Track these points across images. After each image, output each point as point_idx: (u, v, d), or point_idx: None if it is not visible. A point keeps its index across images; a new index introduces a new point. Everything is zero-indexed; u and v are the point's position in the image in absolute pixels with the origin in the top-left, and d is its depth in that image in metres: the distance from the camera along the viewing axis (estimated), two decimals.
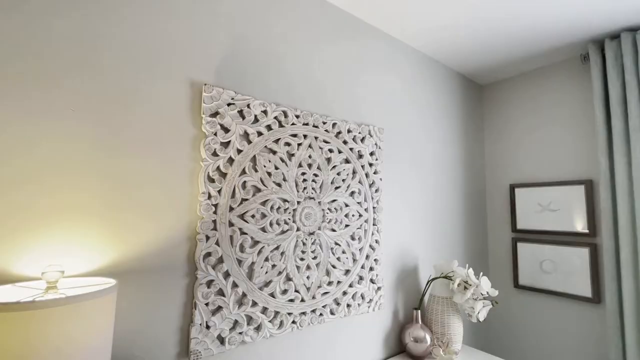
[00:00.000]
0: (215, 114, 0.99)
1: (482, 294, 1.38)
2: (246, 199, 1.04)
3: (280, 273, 1.10)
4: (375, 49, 1.52)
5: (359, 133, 1.39)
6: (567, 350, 1.70)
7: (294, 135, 1.18)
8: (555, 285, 1.76)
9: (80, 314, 0.59)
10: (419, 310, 1.44)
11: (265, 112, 1.10)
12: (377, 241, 1.41)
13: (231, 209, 1.01)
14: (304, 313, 1.15)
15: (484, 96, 2.18)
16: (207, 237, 0.95)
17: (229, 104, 1.02)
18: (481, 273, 1.43)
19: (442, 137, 1.85)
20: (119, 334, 0.81)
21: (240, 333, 0.99)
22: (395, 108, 1.59)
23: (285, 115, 1.15)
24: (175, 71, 0.94)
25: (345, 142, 1.34)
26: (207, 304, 0.94)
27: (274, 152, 1.12)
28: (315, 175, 1.23)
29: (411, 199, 1.62)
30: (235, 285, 1.00)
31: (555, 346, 1.75)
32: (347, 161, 1.34)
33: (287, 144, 1.16)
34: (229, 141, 1.02)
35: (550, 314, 1.78)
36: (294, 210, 1.15)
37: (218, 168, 0.99)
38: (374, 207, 1.41)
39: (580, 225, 1.68)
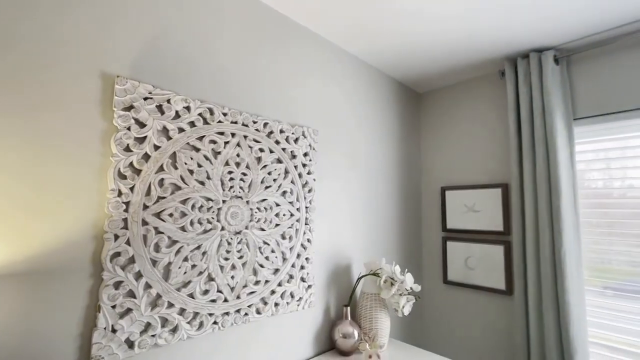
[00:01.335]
0: (129, 108, 0.95)
1: (407, 290, 1.46)
2: (163, 197, 1.01)
3: (201, 273, 1.08)
4: (313, 54, 1.55)
5: (293, 134, 1.41)
6: (485, 338, 1.86)
7: (221, 133, 1.16)
8: (477, 280, 1.91)
9: None
10: (349, 307, 1.48)
11: (188, 108, 1.08)
12: (309, 240, 1.43)
13: (145, 207, 0.97)
14: (227, 313, 1.14)
15: (422, 104, 2.32)
16: (116, 236, 0.91)
17: (145, 98, 0.98)
18: (406, 269, 1.52)
19: (379, 140, 1.93)
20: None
21: (152, 336, 0.96)
22: (331, 111, 1.63)
23: (211, 113, 1.14)
24: (84, 61, 0.89)
25: (277, 142, 1.35)
26: (114, 307, 0.89)
27: (198, 150, 1.10)
28: (244, 174, 1.22)
29: (346, 200, 1.68)
30: (148, 286, 0.96)
31: (476, 335, 1.90)
32: (279, 161, 1.35)
33: (213, 141, 1.14)
34: (145, 136, 0.98)
35: (473, 307, 1.94)
36: (219, 209, 1.13)
37: (131, 164, 0.95)
38: (306, 207, 1.44)
39: (497, 224, 1.85)
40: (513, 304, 1.77)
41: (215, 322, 1.10)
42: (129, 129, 0.94)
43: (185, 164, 1.06)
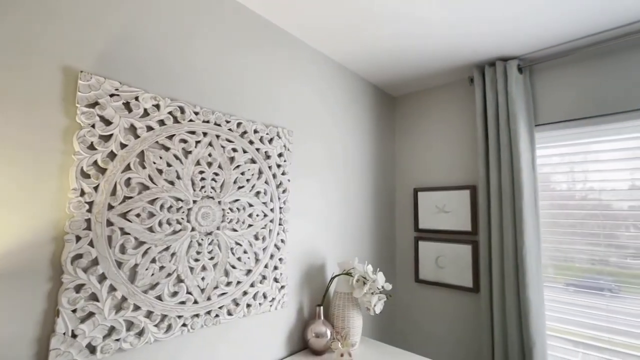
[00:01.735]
0: (93, 105, 0.92)
1: (378, 288, 1.50)
2: (130, 197, 0.98)
3: (169, 275, 1.06)
4: (289, 55, 1.56)
5: (267, 134, 1.41)
6: (453, 334, 1.93)
7: (192, 133, 1.15)
8: (447, 279, 1.98)
9: None
10: (322, 307, 1.50)
11: (157, 106, 1.05)
12: (282, 241, 1.44)
13: (111, 207, 0.94)
14: (197, 315, 1.12)
15: (397, 107, 2.38)
16: (78, 238, 0.87)
17: (112, 95, 0.95)
18: (378, 269, 1.55)
19: (354, 142, 1.97)
20: None
21: (117, 340, 0.93)
22: (306, 112, 1.65)
23: (182, 111, 1.12)
24: (44, 54, 0.85)
25: (251, 142, 1.34)
26: (74, 311, 0.86)
27: (167, 149, 1.08)
28: (216, 174, 1.21)
29: (321, 200, 1.69)
30: (113, 288, 0.93)
31: (444, 331, 1.97)
32: (253, 161, 1.35)
33: (184, 140, 1.12)
34: (111, 134, 0.95)
35: (443, 304, 2.01)
36: (189, 209, 1.12)
37: (95, 163, 0.92)
38: (280, 208, 1.44)
39: (465, 225, 1.92)
40: (479, 300, 1.85)
41: (184, 325, 1.08)
42: (93, 126, 0.91)
43: (154, 163, 1.04)
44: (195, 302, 1.12)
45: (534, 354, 1.51)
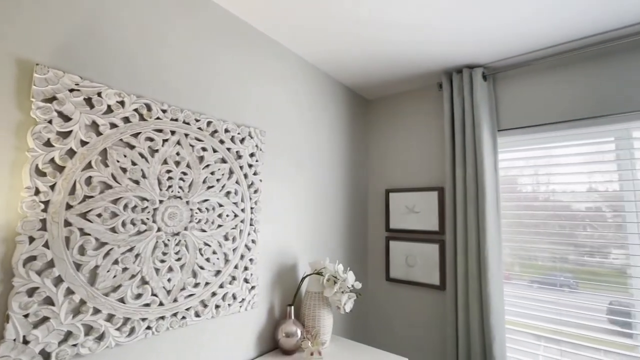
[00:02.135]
0: (51, 99, 0.88)
1: (349, 287, 1.52)
2: (91, 197, 0.94)
3: (133, 276, 1.03)
4: (263, 55, 1.56)
5: (238, 134, 1.40)
6: (421, 331, 2.00)
7: (159, 131, 1.12)
8: (416, 277, 2.05)
9: None
10: (293, 306, 1.51)
11: (122, 103, 1.02)
12: (253, 241, 1.43)
13: (69, 206, 0.90)
14: (162, 317, 1.09)
15: (371, 110, 2.43)
16: (32, 239, 0.83)
17: (71, 90, 0.91)
18: (348, 268, 1.58)
19: (328, 143, 1.99)
20: None
21: (74, 345, 0.89)
22: (280, 112, 1.65)
23: (149, 109, 1.09)
24: None
25: (222, 142, 1.33)
26: (26, 316, 0.82)
27: (132, 147, 1.05)
28: (184, 173, 1.19)
29: (293, 201, 1.70)
30: (70, 292, 0.90)
31: (413, 328, 2.04)
32: (223, 161, 1.33)
33: (150, 139, 1.09)
34: (70, 131, 0.91)
35: (412, 302, 2.07)
36: (155, 209, 1.09)
37: (52, 160, 0.88)
38: (252, 208, 1.43)
39: (434, 225, 2.00)
40: (445, 297, 1.93)
41: (148, 327, 1.06)
42: (50, 122, 0.87)
43: (118, 161, 1.00)
44: (161, 304, 1.09)
45: (493, 348, 1.59)
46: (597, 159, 1.61)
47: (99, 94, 0.97)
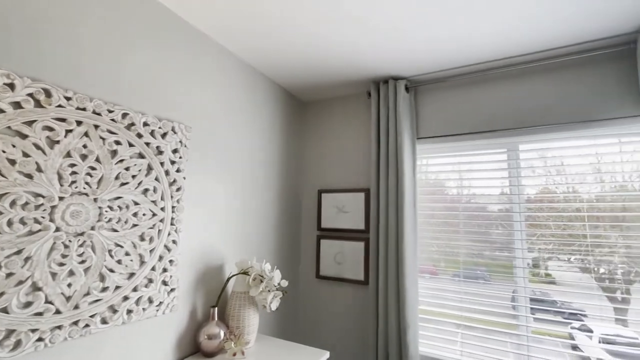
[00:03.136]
0: None
1: (275, 286, 1.54)
2: None
3: (21, 282, 0.91)
4: (193, 49, 1.50)
5: (160, 128, 1.32)
6: (347, 324, 2.11)
7: (62, 120, 1.01)
8: (344, 274, 2.15)
9: None
10: (216, 308, 1.47)
11: (11, 85, 0.90)
12: (174, 241, 1.37)
13: None
14: (59, 327, 0.99)
15: (306, 112, 2.48)
16: None
17: None
18: (275, 267, 1.60)
19: (261, 143, 1.99)
20: None
21: None
22: (209, 108, 1.60)
23: (48, 95, 0.98)
24: None
25: (140, 136, 1.25)
26: None
27: (25, 136, 0.93)
28: (92, 168, 1.09)
29: (222, 200, 1.66)
30: None
31: (340, 323, 2.14)
32: (141, 156, 1.25)
33: (49, 128, 0.98)
34: None
35: (339, 298, 2.17)
36: (53, 207, 0.98)
37: None
38: (173, 207, 1.37)
39: (360, 224, 2.13)
40: (368, 292, 2.06)
41: (40, 339, 0.94)
42: None
43: (4, 152, 0.88)
44: (58, 312, 0.98)
45: (407, 335, 1.76)
46: (496, 167, 1.88)
47: None
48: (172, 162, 1.38)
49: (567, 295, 1.65)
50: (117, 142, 1.17)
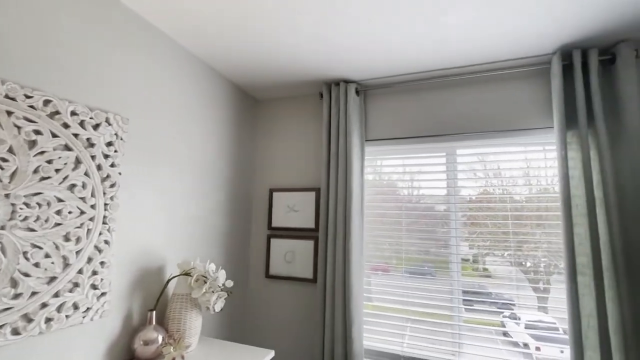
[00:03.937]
0: None
1: (219, 286, 1.50)
2: None
3: None
4: (136, 38, 1.39)
5: (91, 118, 1.22)
6: (296, 322, 2.12)
7: None
8: (293, 272, 2.16)
9: None
10: (155, 311, 1.39)
11: None
12: (106, 242, 1.26)
13: None
14: None
15: (259, 110, 2.45)
16: None
17: None
18: (220, 267, 1.56)
19: (210, 139, 1.91)
20: None
21: None
22: (152, 101, 1.51)
23: None
24: None
25: (66, 126, 1.13)
26: None
27: None
28: (3, 160, 0.96)
29: (165, 198, 1.57)
30: None
31: (289, 321, 2.14)
32: (67, 148, 1.14)
33: None
34: None
35: (288, 296, 2.17)
36: None
37: None
38: (106, 204, 1.26)
39: (310, 222, 2.15)
40: (316, 289, 2.09)
41: None
42: None
43: None
44: None
45: (353, 330, 1.81)
46: (437, 169, 2.01)
47: None
48: (106, 156, 1.27)
49: (501, 287, 1.83)
50: (37, 132, 1.05)
